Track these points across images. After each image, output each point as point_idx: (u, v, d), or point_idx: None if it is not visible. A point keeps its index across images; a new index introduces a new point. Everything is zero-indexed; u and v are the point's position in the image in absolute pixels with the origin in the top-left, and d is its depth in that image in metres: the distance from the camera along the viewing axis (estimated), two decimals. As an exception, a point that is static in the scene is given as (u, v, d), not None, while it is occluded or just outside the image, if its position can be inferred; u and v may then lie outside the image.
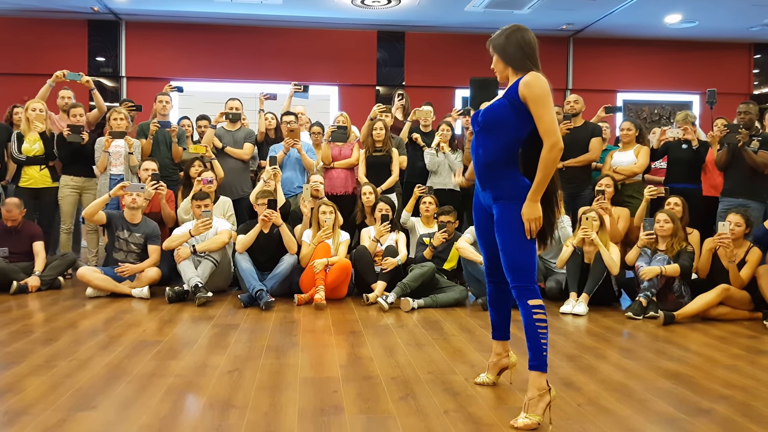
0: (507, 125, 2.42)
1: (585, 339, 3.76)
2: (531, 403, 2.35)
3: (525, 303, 2.41)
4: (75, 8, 7.98)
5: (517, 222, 2.41)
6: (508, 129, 2.43)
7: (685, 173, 5.47)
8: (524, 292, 2.42)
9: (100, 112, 6.03)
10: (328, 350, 3.40)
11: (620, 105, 8.91)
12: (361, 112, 6.88)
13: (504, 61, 2.52)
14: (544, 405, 2.35)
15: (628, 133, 5.51)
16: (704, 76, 9.11)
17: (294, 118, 5.87)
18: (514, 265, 2.42)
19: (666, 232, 4.55)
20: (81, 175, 5.59)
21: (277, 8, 7.87)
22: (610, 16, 8.02)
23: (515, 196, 2.43)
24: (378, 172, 5.60)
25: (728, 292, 4.23)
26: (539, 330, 2.39)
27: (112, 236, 4.93)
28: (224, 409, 2.46)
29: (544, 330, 2.39)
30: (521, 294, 2.42)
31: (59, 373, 2.87)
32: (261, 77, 8.62)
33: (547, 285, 4.88)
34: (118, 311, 4.27)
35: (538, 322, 2.39)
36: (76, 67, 6.24)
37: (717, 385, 2.88)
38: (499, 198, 2.47)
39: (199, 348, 3.37)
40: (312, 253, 4.78)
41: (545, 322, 2.40)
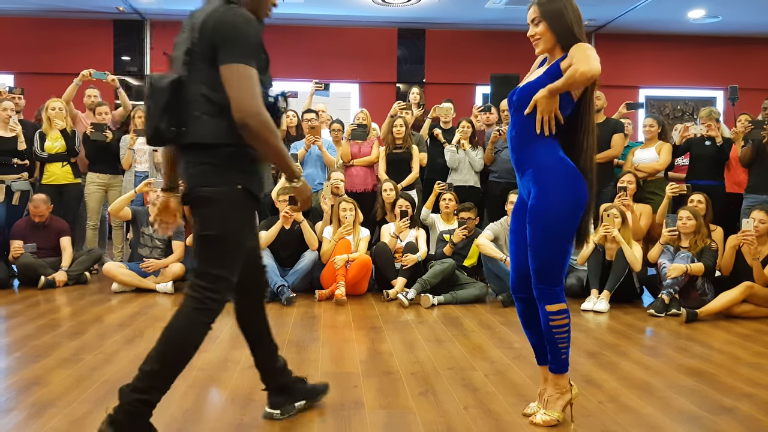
0: None
1: (606, 336, 3.74)
2: (550, 401, 2.34)
3: (543, 307, 2.27)
4: (101, 8, 8.13)
5: (553, 214, 2.20)
6: None
7: (709, 170, 5.39)
8: (544, 296, 2.27)
9: (125, 110, 6.13)
10: (349, 345, 3.43)
11: (642, 101, 8.80)
12: (382, 110, 6.90)
13: (554, 32, 2.23)
14: (564, 403, 2.33)
15: (650, 129, 5.45)
16: (728, 71, 8.96)
17: (315, 116, 5.91)
18: (541, 264, 2.24)
19: (689, 229, 4.51)
20: (107, 172, 5.69)
21: (299, 6, 7.92)
22: (633, 11, 7.94)
23: (556, 177, 2.21)
24: (398, 168, 5.62)
25: (752, 290, 4.18)
26: (557, 335, 2.27)
27: (137, 232, 5.02)
28: (246, 404, 2.51)
29: (563, 335, 2.27)
30: (541, 297, 2.28)
31: (86, 367, 2.94)
32: (282, 75, 8.64)
33: (568, 282, 4.85)
34: (143, 306, 4.35)
35: (555, 328, 2.26)
36: (101, 66, 6.36)
37: (740, 383, 2.86)
38: (538, 181, 2.23)
39: (221, 343, 3.42)
40: (333, 249, 4.82)
41: (565, 327, 2.27)
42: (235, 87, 1.88)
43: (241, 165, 1.99)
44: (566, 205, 2.22)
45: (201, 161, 1.97)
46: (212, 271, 1.97)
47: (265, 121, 1.90)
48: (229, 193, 1.97)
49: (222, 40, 1.90)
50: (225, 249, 1.98)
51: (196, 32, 1.94)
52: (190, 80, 1.96)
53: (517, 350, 3.31)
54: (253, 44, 1.96)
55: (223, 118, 1.92)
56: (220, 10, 1.94)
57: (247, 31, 1.94)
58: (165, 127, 1.95)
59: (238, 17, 1.93)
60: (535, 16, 2.26)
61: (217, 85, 1.91)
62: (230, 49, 1.90)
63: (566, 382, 2.34)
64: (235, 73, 1.89)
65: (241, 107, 1.87)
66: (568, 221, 2.23)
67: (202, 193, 1.97)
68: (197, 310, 1.97)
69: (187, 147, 2.00)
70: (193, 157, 1.99)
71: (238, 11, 1.95)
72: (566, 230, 2.24)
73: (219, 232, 1.97)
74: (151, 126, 1.96)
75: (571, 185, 2.23)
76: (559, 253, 2.24)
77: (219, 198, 1.96)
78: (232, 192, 1.97)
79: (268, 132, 1.91)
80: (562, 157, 2.26)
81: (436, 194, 5.33)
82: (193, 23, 1.99)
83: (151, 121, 1.96)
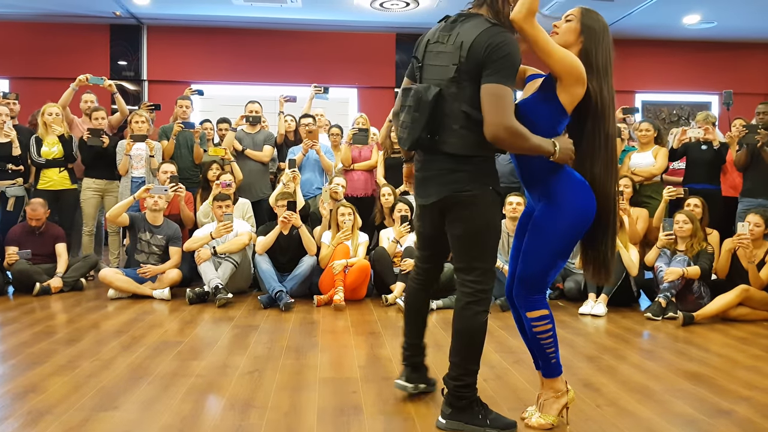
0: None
1: (604, 340, 3.74)
2: (546, 404, 2.35)
3: (524, 314, 2.30)
4: (97, 13, 8.14)
5: (557, 232, 2.21)
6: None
7: (705, 174, 5.41)
8: (524, 303, 2.29)
9: (122, 115, 6.12)
10: (348, 351, 3.42)
11: (637, 106, 8.84)
12: (380, 114, 6.92)
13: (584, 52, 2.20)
14: (560, 406, 2.34)
15: (646, 134, 5.47)
16: (723, 76, 9.03)
17: (312, 120, 5.91)
18: (528, 273, 2.26)
19: (685, 233, 4.52)
20: (103, 177, 5.67)
21: (297, 11, 7.94)
22: (629, 17, 7.98)
23: (563, 195, 2.21)
24: (397, 173, 5.61)
25: (748, 293, 4.19)
26: (542, 341, 2.28)
27: (134, 238, 5.01)
28: (245, 410, 2.50)
29: (548, 340, 2.28)
30: (521, 304, 2.31)
31: (82, 374, 2.93)
32: (280, 80, 8.70)
33: (566, 285, 4.87)
34: (140, 312, 4.34)
35: (540, 334, 2.28)
36: (98, 71, 6.35)
37: (738, 387, 2.86)
38: (546, 195, 2.24)
39: (219, 348, 3.41)
40: (331, 254, 4.82)
41: (549, 332, 2.28)
42: (493, 104, 2.06)
43: (489, 170, 2.24)
44: (571, 220, 2.22)
45: (455, 169, 2.19)
46: (477, 265, 2.23)
47: (515, 131, 2.06)
48: (482, 195, 2.20)
49: (492, 62, 2.07)
50: (485, 243, 2.24)
51: (465, 51, 2.12)
52: (453, 96, 2.15)
53: (516, 354, 3.31)
54: (516, 67, 2.13)
55: (477, 134, 2.11)
56: (492, 32, 2.10)
57: (515, 56, 2.11)
58: (425, 135, 2.17)
59: (510, 42, 2.10)
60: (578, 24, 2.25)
61: (477, 103, 2.10)
62: (497, 71, 2.07)
63: (562, 385, 2.35)
64: (495, 92, 2.06)
65: (493, 122, 2.05)
66: (569, 236, 2.24)
67: (461, 198, 2.20)
68: (472, 303, 2.24)
69: (441, 155, 2.21)
70: (448, 164, 2.20)
71: (508, 35, 2.11)
72: (565, 248, 2.25)
73: (478, 229, 2.21)
74: (415, 134, 2.17)
75: (579, 197, 2.22)
76: (550, 267, 2.26)
77: (475, 200, 2.19)
78: (485, 193, 2.20)
79: (521, 140, 2.08)
80: (569, 172, 2.24)
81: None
82: (457, 40, 2.16)
83: (415, 130, 2.17)
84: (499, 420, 2.29)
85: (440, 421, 2.32)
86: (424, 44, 2.31)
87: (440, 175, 2.24)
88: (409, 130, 2.18)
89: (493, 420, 2.28)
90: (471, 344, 2.27)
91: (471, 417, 2.27)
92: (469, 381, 2.28)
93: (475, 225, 2.22)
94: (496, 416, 2.30)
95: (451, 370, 2.30)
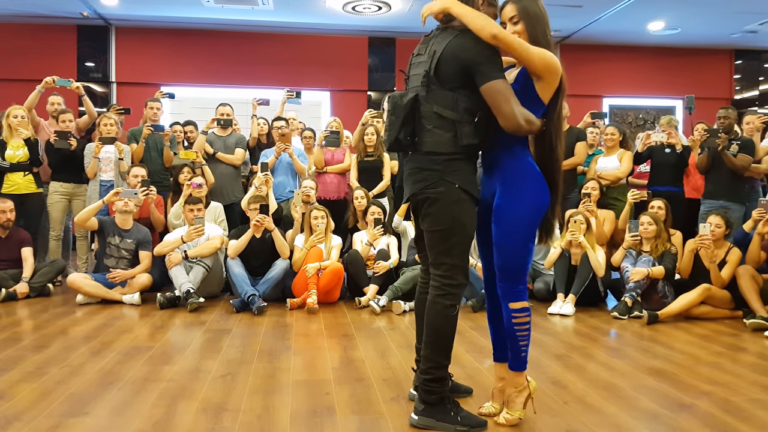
0: None
1: (573, 339, 3.83)
2: (511, 399, 2.41)
3: (506, 305, 2.36)
4: (64, 13, 8.01)
5: (517, 214, 2.30)
6: None
7: (669, 176, 5.57)
8: (508, 294, 2.35)
9: (90, 118, 6.04)
10: (321, 353, 3.44)
11: (605, 110, 9.03)
12: (353, 117, 6.95)
13: (529, 33, 2.27)
14: (524, 399, 2.41)
15: (612, 137, 5.61)
16: (687, 81, 9.28)
17: (285, 123, 5.92)
18: (505, 262, 2.33)
19: (650, 234, 4.65)
20: (70, 181, 5.59)
21: (269, 14, 7.93)
22: (596, 23, 8.16)
23: (520, 179, 2.31)
24: (370, 176, 5.67)
25: (710, 292, 4.33)
26: (518, 333, 2.34)
27: (103, 242, 4.95)
28: (217, 413, 2.50)
29: (524, 332, 2.35)
30: (504, 295, 2.36)
31: (51, 380, 2.89)
32: (253, 83, 8.68)
33: (536, 286, 4.96)
34: (110, 318, 4.29)
35: (517, 326, 2.34)
36: (65, 73, 6.26)
37: (699, 382, 2.96)
38: (504, 182, 2.33)
39: (191, 353, 3.40)
40: (304, 257, 4.82)
41: (527, 325, 2.35)
42: (496, 101, 2.20)
43: (457, 168, 2.29)
44: (529, 206, 2.32)
45: (424, 167, 2.31)
46: (444, 260, 2.32)
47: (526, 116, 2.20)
48: (448, 192, 2.28)
49: (472, 66, 2.22)
50: (451, 240, 2.31)
51: (435, 59, 2.27)
52: (425, 99, 2.30)
53: (487, 354, 3.35)
54: (493, 57, 2.23)
55: (451, 132, 2.26)
56: (458, 42, 2.25)
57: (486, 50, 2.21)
58: (403, 136, 2.31)
59: (475, 42, 2.21)
60: (514, 14, 2.30)
61: (447, 104, 2.26)
62: (481, 72, 2.20)
63: (523, 379, 2.42)
64: (491, 91, 2.20)
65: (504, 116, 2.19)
66: (531, 222, 2.34)
67: (428, 194, 2.30)
68: (439, 296, 2.32)
69: (418, 155, 2.33)
70: (420, 163, 2.33)
71: (471, 36, 2.22)
72: (529, 230, 2.34)
73: (445, 225, 2.30)
74: (392, 135, 2.31)
75: (535, 188, 2.33)
76: (522, 251, 2.33)
77: (440, 197, 2.29)
78: (451, 191, 2.28)
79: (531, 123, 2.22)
80: (529, 161, 2.36)
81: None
82: (430, 50, 2.33)
83: (392, 132, 2.31)
84: (470, 418, 2.34)
85: (413, 417, 2.36)
86: (411, 58, 2.49)
87: (413, 174, 2.37)
88: (388, 132, 2.34)
89: (464, 418, 2.33)
90: (439, 337, 2.33)
91: (443, 414, 2.32)
92: (438, 375, 2.33)
93: (441, 221, 2.30)
94: (468, 414, 2.35)
95: (422, 364, 2.36)
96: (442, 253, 2.32)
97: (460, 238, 2.31)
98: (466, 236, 2.33)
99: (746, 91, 9.59)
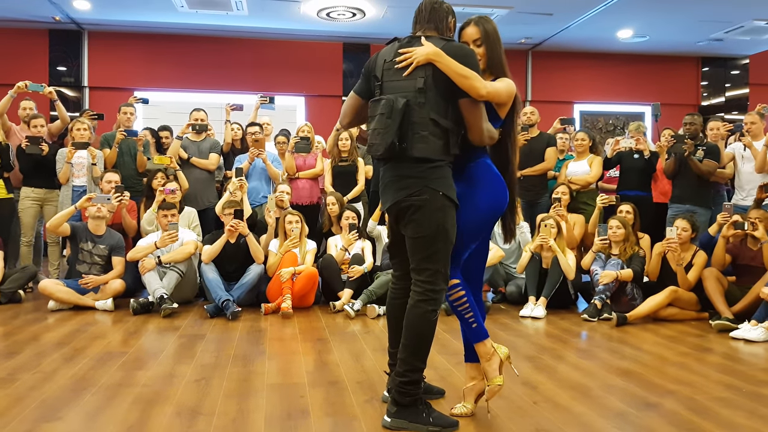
0: None
1: (543, 341, 3.90)
2: (486, 372, 2.48)
3: None
4: (36, 17, 7.91)
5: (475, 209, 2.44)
6: None
7: (637, 181, 5.70)
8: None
9: (63, 123, 5.98)
10: (296, 357, 3.46)
11: (574, 117, 9.20)
12: (328, 123, 6.97)
13: (489, 56, 2.46)
14: (497, 365, 2.46)
15: (582, 143, 5.73)
16: (655, 88, 9.50)
17: (258, 129, 5.92)
18: None
19: (619, 238, 4.76)
20: (42, 186, 5.52)
21: (243, 19, 7.92)
22: (567, 30, 8.31)
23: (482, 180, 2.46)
24: (344, 181, 5.70)
25: (676, 294, 4.44)
26: (459, 308, 2.45)
27: (75, 248, 4.90)
28: (192, 417, 2.51)
29: (465, 305, 2.44)
30: None
31: (23, 386, 2.86)
32: (227, 87, 8.66)
33: (508, 289, 5.05)
34: (82, 324, 4.25)
35: (455, 302, 2.45)
36: (37, 78, 6.19)
37: (665, 382, 3.05)
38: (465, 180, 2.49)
39: (165, 358, 3.39)
40: (279, 262, 4.83)
41: (464, 299, 2.44)
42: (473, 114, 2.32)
43: (441, 175, 2.34)
44: (489, 204, 2.45)
45: (409, 175, 2.33)
46: (427, 266, 2.35)
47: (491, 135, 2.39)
48: (431, 199, 2.32)
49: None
50: (434, 246, 2.34)
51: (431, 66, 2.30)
52: (421, 105, 2.31)
53: (459, 356, 3.40)
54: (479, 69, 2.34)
55: (443, 140, 2.32)
56: (452, 48, 2.32)
57: (475, 64, 2.33)
58: (396, 141, 2.29)
59: (467, 53, 2.33)
60: (477, 37, 2.47)
61: (443, 112, 2.32)
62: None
63: (489, 347, 2.48)
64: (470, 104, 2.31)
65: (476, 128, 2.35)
66: (484, 220, 2.46)
67: (412, 201, 2.33)
68: (421, 301, 2.36)
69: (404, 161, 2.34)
70: (404, 170, 2.35)
71: (465, 47, 2.37)
72: (476, 231, 2.47)
73: (428, 232, 2.33)
74: (387, 139, 2.28)
75: (496, 188, 2.46)
76: (461, 243, 2.43)
77: (424, 204, 2.32)
78: (435, 198, 2.32)
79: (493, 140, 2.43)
80: (490, 164, 2.49)
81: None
82: None
83: (387, 136, 2.28)
84: (442, 419, 2.39)
85: (385, 419, 2.40)
86: (381, 64, 2.44)
87: (395, 181, 2.39)
88: (382, 135, 2.30)
89: (436, 418, 2.37)
90: (418, 341, 2.37)
91: (415, 415, 2.36)
92: (414, 378, 2.38)
93: (424, 228, 2.33)
94: (439, 415, 2.40)
95: (398, 366, 2.40)
96: (425, 259, 2.36)
97: (443, 244, 2.35)
98: (448, 242, 2.37)
99: (713, 97, 9.84)
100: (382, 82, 2.42)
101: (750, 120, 5.41)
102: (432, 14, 2.42)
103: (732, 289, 4.48)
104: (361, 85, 2.53)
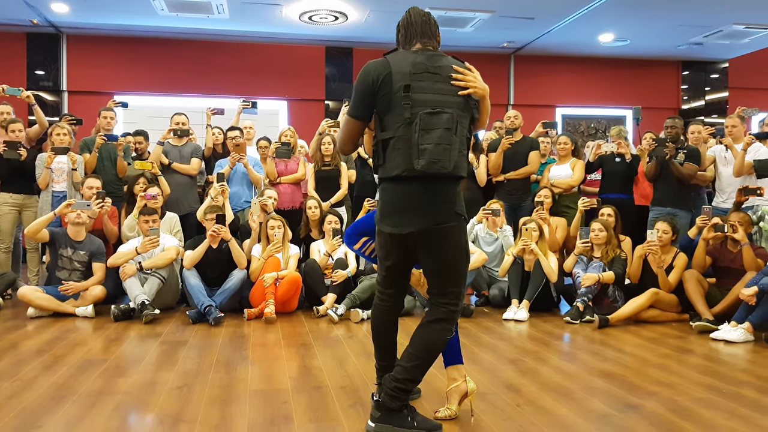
0: None
1: (526, 343, 3.92)
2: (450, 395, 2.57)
3: None
4: (13, 21, 7.81)
5: None
6: None
7: (619, 184, 5.76)
8: None
9: (41, 127, 5.90)
10: (279, 363, 3.44)
11: (556, 120, 9.27)
12: (310, 127, 6.97)
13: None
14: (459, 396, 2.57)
15: (564, 147, 5.78)
16: (637, 91, 9.61)
17: (239, 133, 5.89)
18: None
19: (600, 240, 4.80)
20: (20, 192, 5.44)
21: (224, 23, 7.88)
22: (548, 34, 8.38)
23: None
24: (327, 186, 5.68)
25: (657, 296, 4.49)
26: None
27: (54, 254, 4.83)
28: (174, 424, 2.48)
29: None
30: None
31: (2, 395, 2.82)
32: (208, 91, 8.61)
33: (491, 293, 5.06)
34: (62, 331, 4.19)
35: None
36: (14, 81, 6.11)
37: (647, 383, 3.08)
38: None
39: (147, 365, 3.36)
40: (262, 267, 4.81)
41: None
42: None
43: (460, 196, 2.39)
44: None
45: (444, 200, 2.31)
46: (451, 290, 2.39)
47: None
48: (458, 225, 2.36)
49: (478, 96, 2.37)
50: (459, 270, 2.39)
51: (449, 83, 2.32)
52: (461, 122, 2.30)
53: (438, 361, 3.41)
54: None
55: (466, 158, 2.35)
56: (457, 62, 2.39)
57: None
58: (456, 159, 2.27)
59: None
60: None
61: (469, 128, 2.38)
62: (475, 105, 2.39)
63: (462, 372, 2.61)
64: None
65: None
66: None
67: (441, 230, 2.30)
68: (442, 320, 2.39)
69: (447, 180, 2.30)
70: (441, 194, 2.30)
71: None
72: None
73: (454, 259, 2.36)
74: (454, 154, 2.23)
75: None
76: None
77: (452, 231, 2.33)
78: (461, 224, 2.37)
79: None
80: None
81: (365, 211, 5.42)
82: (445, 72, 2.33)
83: (454, 151, 2.23)
84: (425, 422, 2.39)
85: (369, 425, 2.39)
86: (403, 76, 2.26)
87: (431, 205, 2.29)
88: (449, 152, 2.20)
89: (420, 422, 2.37)
90: (429, 356, 2.39)
91: (399, 419, 2.36)
92: (408, 387, 2.40)
93: (453, 254, 2.35)
94: (423, 419, 2.40)
95: (397, 372, 2.38)
96: (450, 282, 2.38)
97: (466, 265, 2.42)
98: (468, 262, 2.45)
99: (693, 101, 9.98)
100: (411, 93, 2.25)
101: (731, 123, 5.48)
102: (424, 28, 2.40)
103: (712, 290, 4.54)
104: (361, 108, 2.35)
